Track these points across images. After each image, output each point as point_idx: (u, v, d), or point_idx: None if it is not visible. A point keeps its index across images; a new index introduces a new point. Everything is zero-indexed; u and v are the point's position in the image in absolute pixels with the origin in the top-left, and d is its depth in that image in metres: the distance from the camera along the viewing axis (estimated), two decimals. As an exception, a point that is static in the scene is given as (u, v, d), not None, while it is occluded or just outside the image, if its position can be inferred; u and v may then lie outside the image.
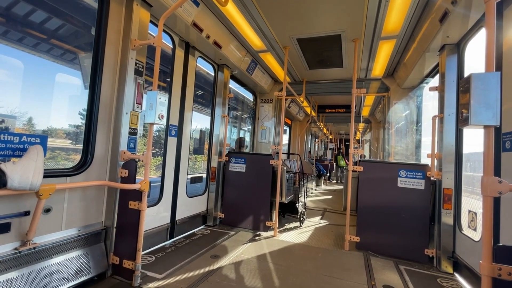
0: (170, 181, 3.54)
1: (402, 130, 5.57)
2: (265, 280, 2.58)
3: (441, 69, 3.27)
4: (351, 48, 4.23)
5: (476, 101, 1.42)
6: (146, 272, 2.55)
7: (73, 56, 3.40)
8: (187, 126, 3.83)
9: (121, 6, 2.60)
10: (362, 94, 3.81)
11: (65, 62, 3.36)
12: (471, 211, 2.83)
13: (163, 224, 3.41)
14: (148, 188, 2.39)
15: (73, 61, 3.37)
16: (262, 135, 6.34)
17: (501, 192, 1.42)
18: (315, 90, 6.42)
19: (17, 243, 1.91)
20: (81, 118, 5.42)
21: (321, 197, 8.25)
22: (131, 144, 2.61)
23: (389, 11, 3.16)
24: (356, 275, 2.81)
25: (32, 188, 1.75)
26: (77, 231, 2.34)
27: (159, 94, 2.31)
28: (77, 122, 4.19)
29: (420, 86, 4.95)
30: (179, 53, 3.65)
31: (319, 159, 13.53)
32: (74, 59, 3.41)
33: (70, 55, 3.38)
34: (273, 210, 4.15)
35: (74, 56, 3.40)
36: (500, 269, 1.39)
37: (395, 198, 3.42)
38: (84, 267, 2.27)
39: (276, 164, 4.06)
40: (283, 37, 4.05)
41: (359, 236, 3.55)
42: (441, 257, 3.07)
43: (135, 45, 2.55)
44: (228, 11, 3.40)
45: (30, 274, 1.91)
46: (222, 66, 4.52)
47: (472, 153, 5.81)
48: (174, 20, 3.13)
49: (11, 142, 1.84)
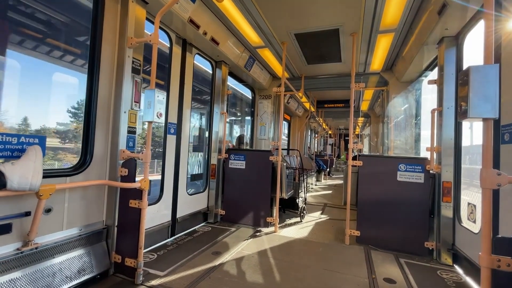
0: (170, 179, 3.54)
1: (401, 124, 5.57)
2: (267, 275, 2.60)
3: (440, 62, 3.26)
4: (349, 43, 4.20)
5: (474, 94, 1.42)
6: (148, 270, 2.57)
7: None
8: (186, 123, 3.82)
9: (116, 3, 2.57)
10: (360, 89, 3.80)
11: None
12: (471, 204, 2.84)
13: (164, 222, 3.42)
14: (148, 187, 2.39)
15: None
16: (261, 132, 6.34)
17: (500, 184, 1.42)
18: (313, 85, 6.40)
19: (19, 243, 1.92)
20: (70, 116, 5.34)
21: (321, 192, 8.27)
22: (130, 142, 2.60)
23: (387, 4, 3.13)
24: (356, 268, 2.83)
25: (31, 188, 1.75)
26: (79, 230, 2.35)
27: (157, 92, 2.30)
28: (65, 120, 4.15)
29: (419, 80, 4.93)
30: (177, 50, 3.62)
31: (319, 154, 13.54)
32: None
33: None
34: (273, 206, 4.17)
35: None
36: (499, 260, 1.40)
37: (395, 192, 3.43)
38: (87, 266, 2.28)
39: (275, 160, 4.06)
40: (280, 32, 4.02)
41: (360, 230, 3.57)
42: (441, 250, 3.09)
43: (131, 43, 2.53)
44: (225, 7, 3.37)
45: (33, 274, 1.93)
46: (220, 62, 4.49)
47: (472, 146, 5.81)
48: (170, 17, 3.10)
49: (9, 143, 1.83)
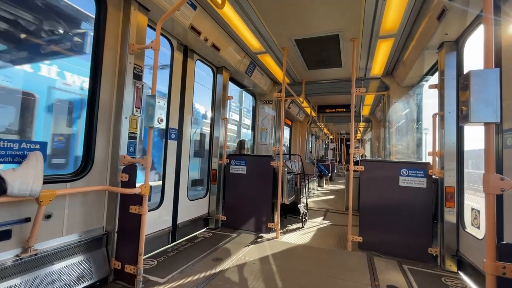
0: (170, 185, 3.53)
1: (402, 129, 5.56)
2: (268, 282, 2.56)
3: (440, 67, 3.26)
4: (349, 48, 4.22)
5: (475, 98, 1.41)
6: (148, 277, 2.54)
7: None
8: (187, 129, 3.83)
9: (118, 11, 2.61)
10: (361, 93, 3.80)
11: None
12: (474, 209, 2.80)
13: (165, 228, 3.40)
14: (148, 192, 2.38)
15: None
16: (262, 137, 6.34)
17: (503, 189, 1.40)
18: (314, 90, 6.41)
19: (18, 249, 1.91)
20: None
21: (323, 197, 8.22)
22: (131, 148, 2.60)
23: (387, 10, 3.15)
24: (359, 275, 2.79)
25: (32, 194, 1.75)
26: (78, 236, 2.34)
27: (158, 98, 2.31)
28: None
29: (419, 84, 4.93)
30: (178, 56, 3.65)
31: (320, 159, 13.50)
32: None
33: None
34: (275, 212, 4.14)
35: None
36: (504, 267, 1.37)
37: (397, 197, 3.40)
38: (86, 273, 2.26)
39: (277, 165, 4.05)
40: (281, 38, 4.05)
41: (362, 236, 3.53)
42: (445, 256, 3.04)
43: (133, 50, 2.56)
44: (226, 13, 3.41)
45: (32, 281, 1.91)
46: (221, 68, 4.52)
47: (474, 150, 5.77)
48: (172, 24, 3.14)
49: (11, 149, 1.84)
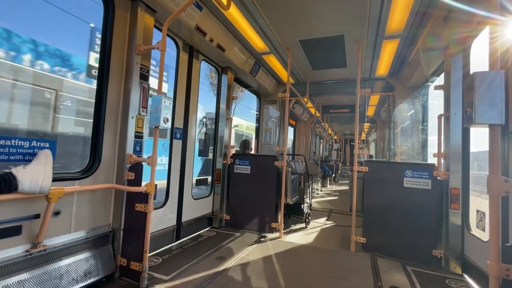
0: (175, 183, 3.58)
1: (407, 130, 5.52)
2: (271, 281, 2.58)
3: (446, 68, 3.24)
4: (354, 48, 4.21)
5: (480, 99, 1.41)
6: (153, 274, 2.58)
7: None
8: (192, 128, 3.86)
9: (126, 12, 2.65)
10: (366, 94, 3.80)
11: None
12: (479, 211, 2.78)
13: (169, 226, 3.44)
14: (154, 191, 2.42)
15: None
16: (267, 137, 6.35)
17: (508, 191, 1.40)
18: (319, 90, 6.41)
19: (28, 245, 1.96)
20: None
21: (326, 198, 8.20)
22: (137, 147, 2.65)
23: (392, 11, 3.14)
24: (362, 276, 2.79)
25: (41, 191, 1.80)
26: (86, 233, 2.39)
27: (164, 98, 2.35)
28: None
29: (425, 85, 4.89)
30: (183, 56, 3.69)
31: (324, 160, 13.44)
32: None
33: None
34: (278, 212, 4.15)
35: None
36: (508, 269, 1.37)
37: (402, 199, 3.39)
38: (93, 269, 2.31)
39: (281, 165, 4.06)
40: (286, 39, 4.06)
41: (366, 237, 3.52)
42: (449, 258, 3.02)
43: (140, 50, 2.60)
44: (231, 14, 3.44)
45: (41, 276, 1.96)
46: (226, 68, 4.55)
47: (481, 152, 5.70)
48: (178, 25, 3.18)
49: (21, 147, 1.89)
